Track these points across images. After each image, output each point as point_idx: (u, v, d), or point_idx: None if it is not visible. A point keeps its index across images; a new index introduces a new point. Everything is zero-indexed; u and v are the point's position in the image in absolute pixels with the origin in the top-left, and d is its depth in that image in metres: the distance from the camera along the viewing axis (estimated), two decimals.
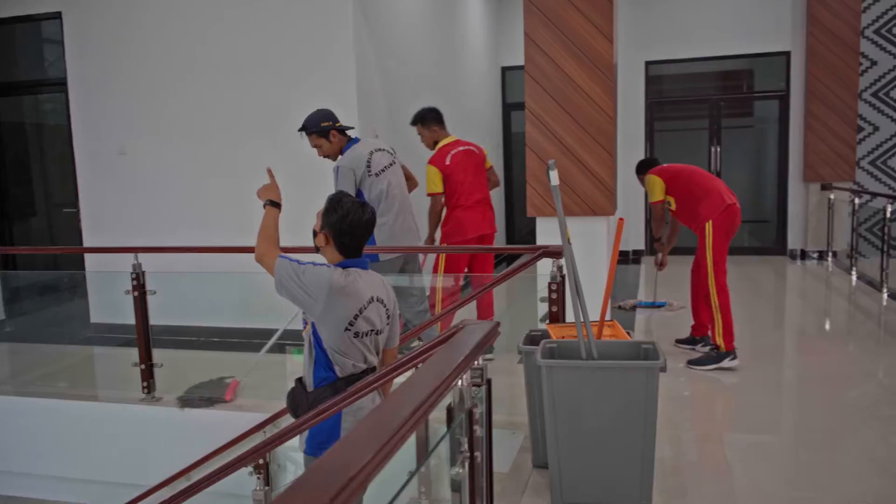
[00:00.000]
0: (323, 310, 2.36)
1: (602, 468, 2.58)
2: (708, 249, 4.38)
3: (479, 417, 1.71)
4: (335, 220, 2.45)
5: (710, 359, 4.38)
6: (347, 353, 2.40)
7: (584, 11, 4.15)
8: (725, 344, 4.35)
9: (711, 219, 4.37)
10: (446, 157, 4.60)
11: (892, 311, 5.93)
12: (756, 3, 8.57)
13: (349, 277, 2.40)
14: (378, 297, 2.47)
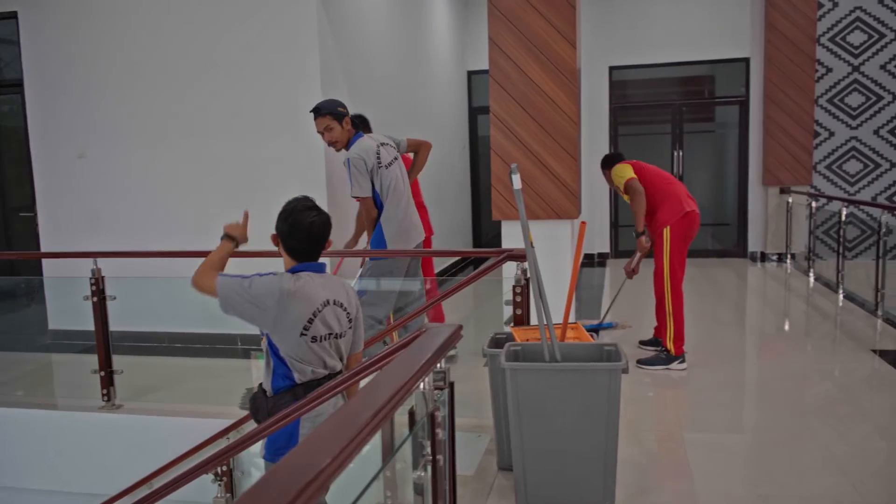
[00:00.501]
0: (275, 319, 2.34)
1: (566, 469, 2.61)
2: (665, 255, 4.44)
3: (441, 420, 1.71)
4: (279, 224, 2.46)
5: (660, 360, 4.47)
6: (305, 359, 2.38)
7: (548, 17, 4.19)
8: (675, 349, 4.43)
9: (669, 224, 4.42)
10: None
11: (848, 311, 6.08)
12: (716, 11, 8.75)
13: (299, 282, 2.38)
14: (336, 301, 2.45)
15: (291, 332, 2.35)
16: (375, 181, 4.00)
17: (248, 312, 2.37)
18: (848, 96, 8.56)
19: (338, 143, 4.00)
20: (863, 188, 8.65)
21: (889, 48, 8.43)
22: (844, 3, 8.49)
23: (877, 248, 5.99)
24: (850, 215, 7.77)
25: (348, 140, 4.00)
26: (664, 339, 4.51)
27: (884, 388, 4.13)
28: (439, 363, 1.77)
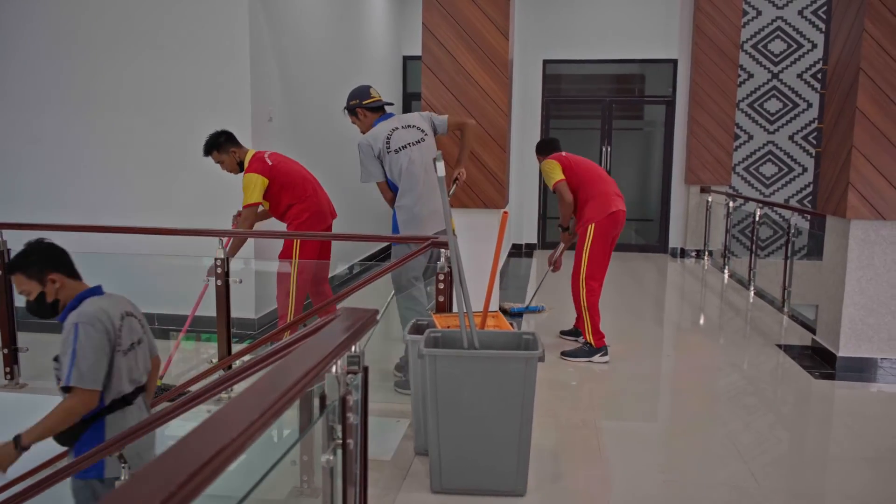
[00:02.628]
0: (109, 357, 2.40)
1: (480, 455, 2.64)
2: (585, 251, 4.52)
3: (353, 405, 1.70)
4: (53, 265, 2.54)
5: (583, 353, 4.56)
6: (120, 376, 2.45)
7: (482, 7, 4.20)
8: (595, 341, 4.53)
9: (594, 222, 4.49)
10: (265, 159, 4.41)
11: (758, 308, 6.37)
12: (648, 12, 8.96)
13: (92, 308, 2.42)
14: (128, 312, 2.55)
15: (106, 358, 2.40)
16: (385, 166, 3.90)
17: (102, 370, 2.40)
18: (767, 102, 8.93)
19: (363, 133, 4.00)
20: (777, 190, 9.06)
21: (806, 58, 8.83)
22: (767, 12, 8.84)
23: (786, 249, 6.29)
24: (764, 216, 8.12)
25: (370, 126, 3.97)
26: (584, 333, 4.61)
27: (787, 381, 4.35)
28: (353, 347, 1.76)
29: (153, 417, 2.26)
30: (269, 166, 4.39)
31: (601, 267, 4.59)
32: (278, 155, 4.59)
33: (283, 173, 4.43)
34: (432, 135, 3.95)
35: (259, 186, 4.32)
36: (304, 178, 4.51)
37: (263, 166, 4.36)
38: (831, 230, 4.57)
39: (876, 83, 4.11)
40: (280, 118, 5.65)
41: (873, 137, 4.14)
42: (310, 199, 4.48)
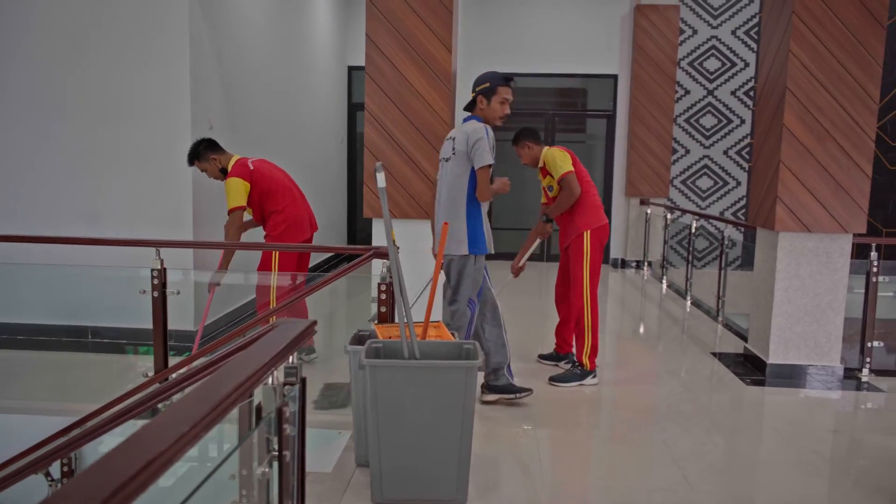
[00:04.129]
0: None
1: (421, 465, 2.65)
2: (585, 262, 4.27)
3: (290, 416, 1.69)
4: None
5: (574, 376, 4.33)
6: None
7: (425, 19, 4.24)
8: (590, 363, 4.32)
9: (590, 229, 4.26)
10: (247, 164, 4.38)
11: (694, 316, 6.56)
12: (590, 28, 9.17)
13: None
14: None
15: None
16: None
17: None
18: (703, 118, 9.24)
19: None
20: (713, 203, 9.36)
21: (739, 76, 9.17)
22: (702, 31, 9.16)
23: (720, 260, 6.50)
24: (700, 228, 8.38)
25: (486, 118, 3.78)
26: (579, 353, 4.35)
27: (721, 388, 4.49)
28: (291, 358, 1.75)
29: (84, 433, 2.19)
30: (249, 171, 4.37)
31: (596, 282, 4.33)
32: (264, 162, 4.54)
33: (264, 180, 4.38)
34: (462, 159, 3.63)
35: (241, 190, 4.30)
36: (285, 187, 4.46)
37: (244, 171, 4.35)
38: (761, 242, 4.75)
39: (801, 102, 4.31)
40: (221, 125, 5.57)
41: (799, 154, 4.33)
42: (288, 210, 4.42)
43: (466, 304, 3.62)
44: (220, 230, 5.59)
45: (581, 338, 4.34)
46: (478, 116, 3.71)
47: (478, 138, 3.56)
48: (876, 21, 4.26)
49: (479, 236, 3.64)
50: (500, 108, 3.66)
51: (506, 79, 3.67)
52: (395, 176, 4.31)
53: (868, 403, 4.32)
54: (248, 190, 4.33)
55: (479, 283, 3.69)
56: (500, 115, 3.68)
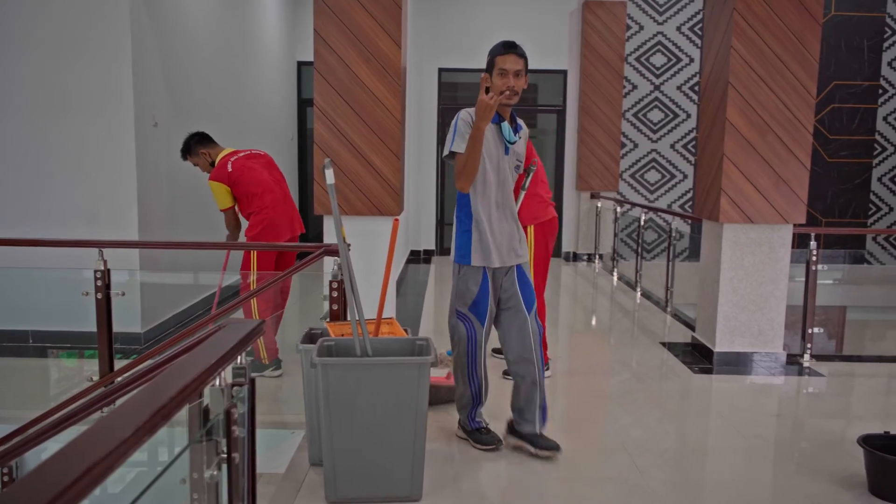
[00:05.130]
0: None
1: (375, 462, 2.64)
2: (530, 255, 4.13)
3: (238, 418, 1.67)
4: None
5: None
6: None
7: (374, 14, 4.21)
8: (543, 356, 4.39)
9: (535, 223, 4.22)
10: (226, 166, 4.35)
11: (644, 308, 6.69)
12: (539, 23, 9.25)
13: None
14: None
15: None
16: None
17: None
18: (650, 112, 9.41)
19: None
20: (661, 196, 9.55)
21: (685, 71, 9.37)
22: (649, 27, 9.32)
23: (668, 252, 6.64)
24: (649, 220, 8.54)
25: None
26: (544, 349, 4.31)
27: (671, 377, 4.58)
28: (239, 358, 1.73)
29: (25, 440, 2.12)
30: (227, 173, 4.32)
31: (545, 276, 4.31)
32: (250, 158, 4.44)
33: (242, 181, 4.32)
34: None
35: (223, 193, 4.32)
36: (265, 188, 4.36)
37: (221, 173, 4.33)
38: (707, 233, 4.87)
39: (743, 96, 4.42)
40: (166, 122, 5.44)
41: (742, 147, 4.45)
42: (265, 211, 4.33)
43: (456, 315, 3.21)
44: (169, 229, 5.48)
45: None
46: None
47: (450, 126, 3.16)
48: (812, 18, 4.39)
49: (463, 245, 3.18)
50: (500, 81, 3.06)
51: (505, 45, 3.10)
52: (345, 172, 4.28)
53: (809, 388, 4.47)
54: (229, 191, 4.35)
55: (468, 298, 3.15)
56: (499, 89, 3.04)
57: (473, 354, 3.21)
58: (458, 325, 3.21)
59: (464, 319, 3.20)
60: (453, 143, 3.07)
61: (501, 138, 3.16)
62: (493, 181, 3.15)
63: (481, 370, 3.25)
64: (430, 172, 9.59)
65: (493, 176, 3.15)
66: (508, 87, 3.04)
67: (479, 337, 3.19)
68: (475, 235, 3.16)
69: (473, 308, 3.17)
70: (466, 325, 3.20)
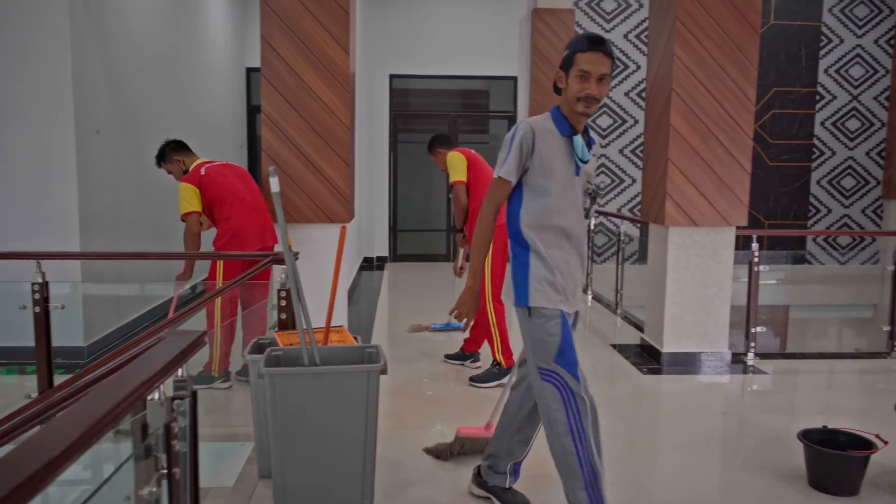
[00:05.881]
0: None
1: (325, 472, 2.61)
2: (487, 263, 4.26)
3: (179, 432, 1.63)
4: None
5: (493, 375, 4.33)
6: None
7: (322, 21, 4.19)
8: (506, 360, 4.32)
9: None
10: (200, 171, 4.26)
11: (595, 311, 6.78)
12: (490, 30, 9.33)
13: None
14: None
15: None
16: None
17: None
18: (599, 118, 9.56)
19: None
20: (611, 200, 9.71)
21: (632, 78, 9.55)
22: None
23: (617, 255, 6.75)
24: (599, 225, 8.68)
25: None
26: (492, 351, 4.36)
27: (622, 379, 4.65)
28: (180, 371, 1.69)
29: None
30: (199, 176, 4.22)
31: (503, 278, 4.31)
32: (225, 167, 4.34)
33: (213, 188, 4.20)
34: None
35: (191, 195, 4.18)
36: (235, 196, 4.25)
37: (193, 176, 4.23)
38: (653, 237, 4.96)
39: (686, 103, 4.53)
40: (109, 130, 5.31)
41: (685, 152, 4.56)
42: (232, 220, 4.21)
43: (539, 376, 2.48)
44: (113, 239, 5.34)
45: (491, 338, 4.39)
46: (555, 107, 2.53)
47: (504, 140, 2.52)
48: (751, 27, 4.53)
49: (522, 283, 2.51)
50: (577, 85, 2.37)
51: (590, 40, 2.38)
52: (294, 180, 4.24)
53: (754, 385, 4.59)
54: (198, 195, 4.22)
55: (552, 347, 2.47)
56: (576, 95, 2.38)
57: (577, 426, 2.42)
58: (545, 388, 2.45)
59: (551, 378, 2.44)
60: (505, 166, 2.45)
61: (572, 155, 2.47)
62: (559, 207, 2.48)
63: (592, 448, 2.43)
64: (383, 179, 9.56)
65: (560, 201, 2.47)
66: (589, 95, 2.37)
67: (577, 397, 2.42)
68: (537, 270, 2.50)
69: (560, 359, 2.44)
70: (557, 384, 2.43)
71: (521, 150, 2.43)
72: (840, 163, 9.97)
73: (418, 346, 5.25)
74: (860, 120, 9.89)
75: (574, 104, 2.40)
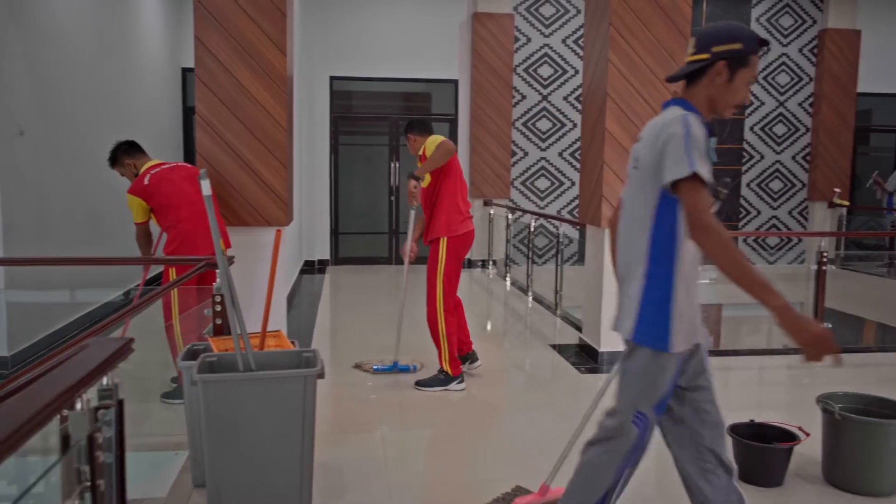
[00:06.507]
0: None
1: (261, 479, 2.57)
2: (439, 274, 4.25)
3: (104, 442, 1.58)
4: None
5: (438, 381, 4.32)
6: None
7: (257, 21, 4.13)
8: (452, 369, 4.30)
9: (447, 236, 4.24)
10: (144, 179, 4.07)
11: (535, 311, 6.87)
12: (431, 33, 9.35)
13: None
14: None
15: None
16: None
17: None
18: (538, 121, 9.70)
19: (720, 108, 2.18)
20: (551, 202, 9.85)
21: (570, 82, 9.72)
22: (536, 39, 9.62)
23: (556, 256, 6.86)
24: (540, 227, 8.80)
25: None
26: (439, 359, 4.34)
27: (561, 378, 4.72)
28: (105, 379, 1.64)
29: None
30: (142, 186, 4.04)
31: (455, 290, 4.32)
32: (170, 171, 4.13)
33: (158, 193, 4.02)
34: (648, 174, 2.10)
35: (137, 207, 4.07)
36: (183, 200, 4.03)
37: (137, 186, 4.06)
38: (590, 238, 5.06)
39: (620, 107, 4.64)
40: (33, 132, 5.11)
41: (620, 155, 4.66)
42: (182, 224, 4.01)
43: (630, 417, 2.18)
44: (39, 244, 5.14)
45: (439, 347, 4.34)
46: (683, 100, 2.16)
47: (670, 134, 2.00)
48: (681, 34, 4.67)
49: (661, 320, 2.10)
50: (744, 91, 2.13)
51: (761, 42, 2.12)
52: (230, 182, 4.16)
53: None
54: (143, 205, 4.08)
55: (661, 393, 2.17)
56: (741, 101, 2.15)
57: (627, 473, 2.29)
58: (630, 429, 2.18)
59: (641, 422, 2.18)
60: (695, 161, 1.95)
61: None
62: None
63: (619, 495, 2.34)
64: (324, 181, 9.48)
65: None
66: (746, 104, 2.18)
67: (643, 449, 2.25)
68: (679, 304, 2.09)
69: (658, 408, 2.20)
70: (642, 426, 2.18)
71: (700, 142, 2.00)
72: (768, 166, 10.36)
73: (361, 350, 5.22)
74: (786, 125, 10.31)
75: (726, 108, 2.13)
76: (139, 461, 3.29)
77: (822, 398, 3.09)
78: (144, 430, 3.70)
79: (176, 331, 4.06)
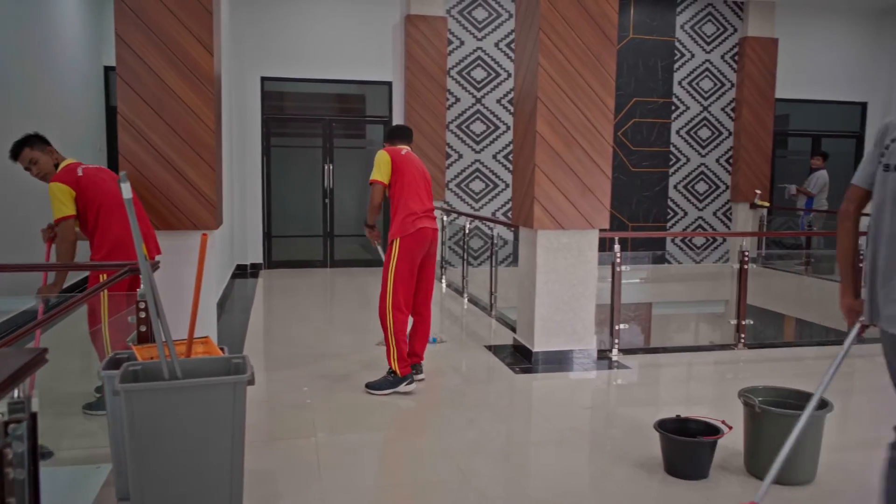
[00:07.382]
0: None
1: (189, 490, 2.50)
2: (391, 273, 4.26)
3: (14, 458, 1.50)
4: None
5: (388, 383, 4.29)
6: None
7: (182, 19, 4.02)
8: (401, 369, 4.28)
9: (399, 237, 4.26)
10: (76, 170, 3.81)
11: (471, 313, 6.91)
12: (364, 35, 9.30)
13: None
14: None
15: None
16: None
17: None
18: (472, 124, 9.77)
19: None
20: (485, 204, 9.93)
21: (503, 85, 9.82)
22: (469, 42, 9.68)
23: (491, 258, 6.91)
24: (475, 228, 8.85)
25: None
26: (388, 358, 4.32)
27: (496, 379, 4.76)
28: (16, 392, 1.56)
29: None
30: (76, 177, 3.74)
31: (408, 291, 4.32)
32: (98, 171, 3.89)
33: (92, 192, 3.74)
34: None
35: (66, 197, 3.69)
36: (115, 202, 3.77)
37: (69, 176, 3.73)
38: (523, 240, 5.12)
39: (550, 110, 4.71)
40: None
41: (551, 157, 4.74)
42: (114, 227, 3.76)
43: None
44: None
45: (388, 346, 4.32)
46: None
47: None
48: (608, 40, 4.78)
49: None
50: None
51: None
52: (156, 185, 4.03)
53: (618, 380, 4.83)
54: (72, 196, 3.73)
55: None
56: None
57: None
58: None
59: None
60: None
61: None
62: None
63: None
64: (256, 183, 9.30)
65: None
66: None
67: None
68: None
69: None
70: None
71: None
72: (694, 169, 10.71)
73: (298, 354, 5.14)
74: (710, 129, 10.68)
75: None
76: (59, 476, 3.15)
77: (744, 392, 3.21)
78: (64, 445, 3.54)
79: (105, 338, 3.89)
